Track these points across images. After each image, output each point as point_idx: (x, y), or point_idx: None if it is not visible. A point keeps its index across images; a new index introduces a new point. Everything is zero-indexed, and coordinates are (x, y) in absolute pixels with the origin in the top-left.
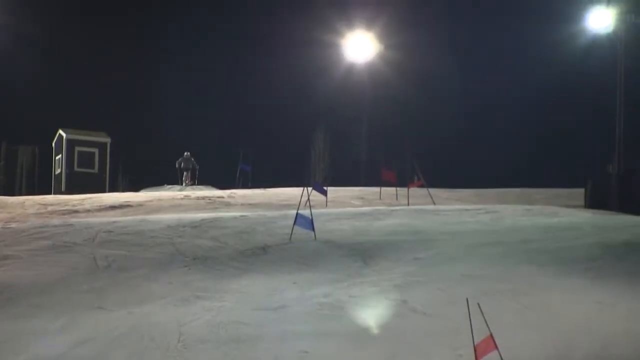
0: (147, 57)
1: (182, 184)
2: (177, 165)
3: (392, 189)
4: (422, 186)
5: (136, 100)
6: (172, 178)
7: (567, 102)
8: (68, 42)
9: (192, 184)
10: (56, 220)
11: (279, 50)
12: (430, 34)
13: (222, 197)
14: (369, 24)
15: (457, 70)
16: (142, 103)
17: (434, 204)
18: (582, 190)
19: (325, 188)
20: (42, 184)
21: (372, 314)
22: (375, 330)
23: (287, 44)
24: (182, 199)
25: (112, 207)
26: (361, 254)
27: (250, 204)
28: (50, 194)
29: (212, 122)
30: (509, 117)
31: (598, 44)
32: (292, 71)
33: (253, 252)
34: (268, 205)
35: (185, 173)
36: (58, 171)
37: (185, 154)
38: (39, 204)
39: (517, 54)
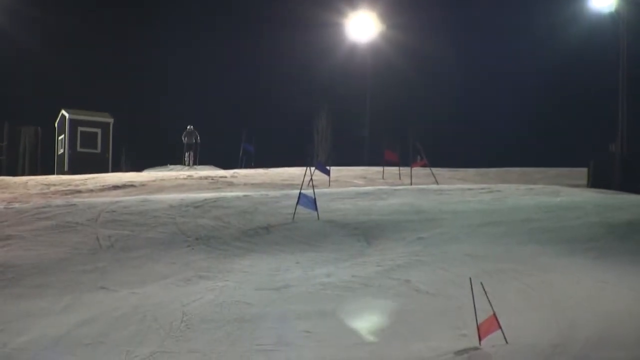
0: (149, 36)
1: (185, 164)
2: (183, 140)
3: (395, 169)
4: (425, 166)
5: (139, 81)
6: (175, 158)
7: (570, 81)
8: (70, 21)
9: (193, 164)
10: (59, 201)
11: (282, 29)
12: (432, 14)
13: (225, 177)
14: (372, 4)
15: (459, 49)
16: (145, 83)
17: (437, 183)
18: (584, 170)
19: (328, 168)
20: (45, 165)
21: (374, 293)
22: (378, 310)
23: (289, 24)
24: (185, 178)
25: (115, 187)
26: (364, 233)
27: (253, 184)
28: (53, 174)
29: (215, 103)
30: (512, 97)
31: (601, 23)
32: (294, 51)
33: (256, 232)
34: (271, 185)
35: (187, 153)
36: (61, 151)
37: (189, 127)
38: (42, 184)
39: (520, 34)
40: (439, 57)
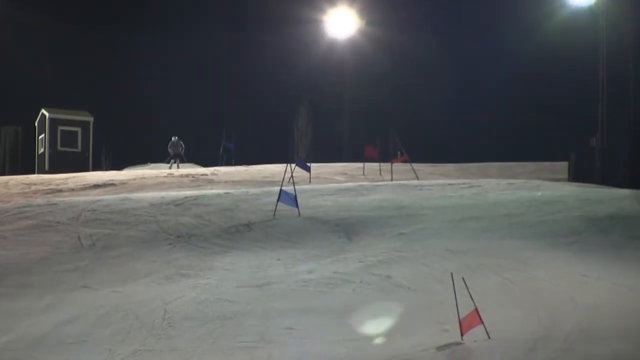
0: (129, 35)
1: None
2: (169, 151)
3: (375, 165)
4: (405, 161)
5: (118, 79)
6: (155, 156)
7: (550, 75)
8: (50, 21)
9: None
10: (40, 200)
11: (261, 26)
12: (410, 10)
13: (206, 175)
14: (350, 0)
15: (438, 45)
16: (124, 82)
17: (418, 179)
18: (565, 164)
19: (308, 164)
20: (25, 164)
21: (356, 289)
22: (360, 306)
23: (268, 21)
24: (165, 177)
25: (96, 186)
26: (345, 229)
27: (233, 181)
28: (33, 173)
29: (194, 100)
30: (492, 92)
31: (580, 17)
32: (274, 48)
33: (237, 229)
34: (251, 182)
35: (173, 160)
36: (41, 150)
37: (173, 138)
38: (23, 183)
39: (500, 28)
40: (418, 52)
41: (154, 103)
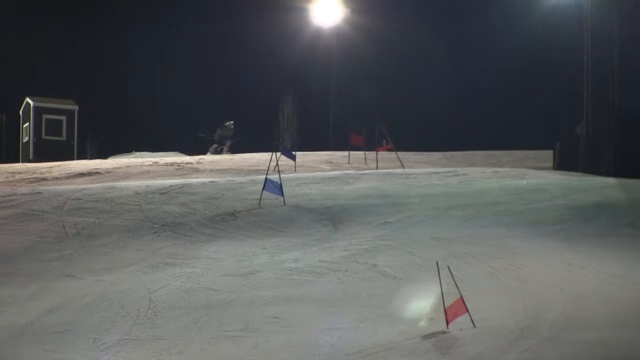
0: (113, 23)
1: (214, 152)
2: (217, 133)
3: (360, 153)
4: (391, 150)
5: (103, 67)
6: (140, 145)
7: (535, 63)
8: (35, 9)
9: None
10: (24, 189)
11: (246, 15)
12: None
13: (191, 163)
14: None
15: (423, 33)
16: (109, 70)
17: (403, 167)
18: (550, 152)
19: (294, 153)
20: (9, 153)
21: (342, 278)
22: (345, 295)
23: (254, 9)
24: (150, 165)
25: (81, 175)
26: (331, 218)
27: (218, 170)
28: (18, 162)
29: (180, 88)
30: (477, 80)
31: (565, 5)
32: (259, 36)
33: (222, 218)
34: (237, 171)
35: (216, 146)
36: (26, 139)
37: (227, 123)
38: (7, 172)
39: (485, 16)
40: (403, 40)
41: (139, 92)
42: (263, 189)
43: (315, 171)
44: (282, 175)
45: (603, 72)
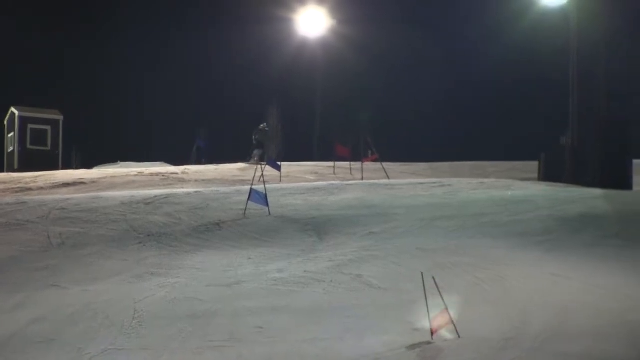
0: (98, 34)
1: (251, 162)
2: (254, 138)
3: (346, 164)
4: (376, 160)
5: (89, 78)
6: (125, 155)
7: (521, 74)
8: (19, 18)
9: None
10: (9, 198)
11: (232, 25)
12: (381, 8)
13: (176, 174)
14: None
15: (409, 43)
16: (95, 80)
17: (388, 178)
18: (535, 163)
19: (279, 163)
20: None
21: (327, 289)
22: (330, 306)
23: (239, 20)
24: (135, 175)
25: (65, 185)
26: (316, 228)
27: (204, 180)
28: (2, 172)
29: (164, 98)
30: (463, 91)
31: (551, 15)
32: (245, 46)
33: (207, 228)
34: (222, 181)
35: (256, 151)
36: (10, 149)
37: (262, 125)
38: None
39: (470, 28)
40: (389, 51)
41: (124, 102)
42: (248, 200)
43: (301, 182)
44: (267, 186)
45: (589, 83)
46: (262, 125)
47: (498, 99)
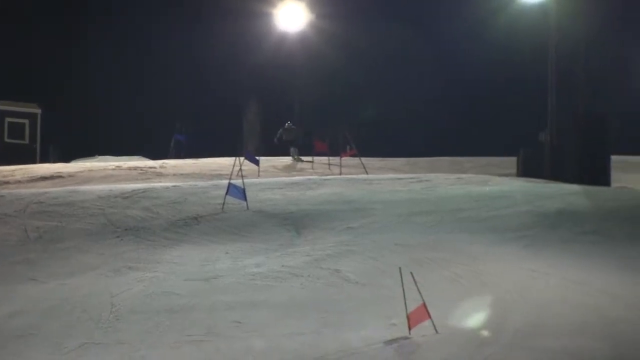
0: (75, 27)
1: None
2: (279, 136)
3: (324, 159)
4: (354, 156)
5: (66, 71)
6: (102, 149)
7: (500, 70)
8: None
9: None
10: None
11: (210, 20)
12: (360, 3)
13: (154, 168)
14: None
15: (388, 38)
16: (73, 74)
17: (367, 173)
18: (514, 159)
19: (257, 158)
20: None
21: (304, 283)
22: (308, 300)
23: (218, 14)
24: (113, 169)
25: (43, 178)
26: (294, 223)
27: (182, 174)
28: None
29: (143, 93)
30: (441, 86)
31: (530, 11)
32: (223, 41)
33: (185, 223)
34: (200, 176)
35: (292, 149)
36: None
37: (287, 124)
38: None
39: (450, 22)
40: (368, 46)
41: (102, 95)
42: (226, 194)
43: (279, 176)
44: (245, 180)
45: (568, 79)
46: (287, 124)
47: (476, 95)
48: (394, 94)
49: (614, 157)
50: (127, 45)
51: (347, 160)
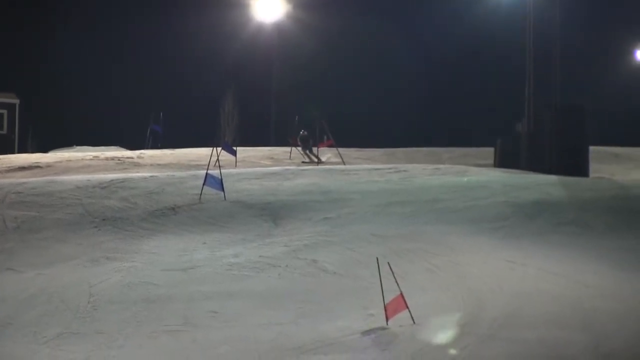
0: (54, 17)
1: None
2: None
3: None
4: (331, 146)
5: (45, 61)
6: (80, 139)
7: (477, 61)
8: None
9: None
10: None
11: (187, 10)
12: None
13: (132, 158)
14: None
15: (364, 29)
16: (51, 64)
17: (344, 163)
18: (491, 150)
19: (234, 148)
20: None
21: (282, 274)
22: (285, 290)
23: (195, 4)
24: (91, 159)
25: (22, 168)
26: (271, 213)
27: (159, 165)
28: None
29: (120, 83)
30: (419, 77)
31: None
32: (200, 31)
33: (163, 213)
34: (177, 166)
35: (305, 151)
36: None
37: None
38: None
39: (426, 13)
40: (345, 36)
41: (80, 86)
42: (204, 184)
43: (256, 166)
44: (222, 171)
45: (545, 70)
46: (302, 132)
47: (453, 85)
48: (371, 85)
49: (592, 148)
50: (104, 35)
51: (324, 150)
